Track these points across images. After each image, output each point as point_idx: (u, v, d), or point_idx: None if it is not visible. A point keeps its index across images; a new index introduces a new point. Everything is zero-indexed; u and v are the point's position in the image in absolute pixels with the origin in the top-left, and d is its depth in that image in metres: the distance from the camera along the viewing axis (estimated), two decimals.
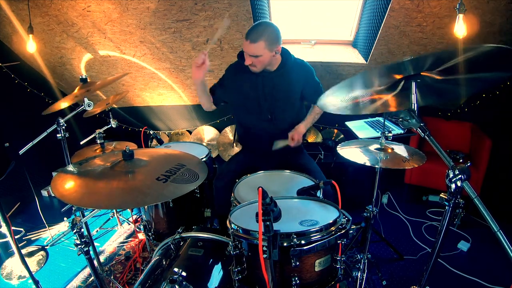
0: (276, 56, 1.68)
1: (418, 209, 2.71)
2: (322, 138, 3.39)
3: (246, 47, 1.60)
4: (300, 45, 2.99)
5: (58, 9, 2.46)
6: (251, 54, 1.61)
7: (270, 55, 1.63)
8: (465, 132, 2.85)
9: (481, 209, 0.80)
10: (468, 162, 0.87)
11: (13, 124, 2.84)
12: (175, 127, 3.88)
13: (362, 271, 1.74)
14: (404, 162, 1.52)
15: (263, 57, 1.61)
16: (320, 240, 0.96)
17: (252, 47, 1.58)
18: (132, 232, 2.50)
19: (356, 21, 2.82)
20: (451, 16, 2.16)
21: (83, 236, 1.16)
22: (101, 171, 1.12)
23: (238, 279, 1.06)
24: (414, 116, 0.93)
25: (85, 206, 1.20)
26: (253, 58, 1.62)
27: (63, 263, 2.19)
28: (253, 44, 1.57)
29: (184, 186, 1.07)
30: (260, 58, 1.61)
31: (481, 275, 1.95)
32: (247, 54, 1.62)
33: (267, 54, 1.61)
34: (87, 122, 2.50)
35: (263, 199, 0.86)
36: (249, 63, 1.64)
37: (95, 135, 2.22)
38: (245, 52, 1.63)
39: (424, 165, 1.52)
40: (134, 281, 1.97)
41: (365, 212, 1.76)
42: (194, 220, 1.77)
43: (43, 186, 3.19)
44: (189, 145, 2.18)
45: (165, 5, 2.36)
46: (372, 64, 2.79)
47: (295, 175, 1.59)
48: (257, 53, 1.59)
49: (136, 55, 2.93)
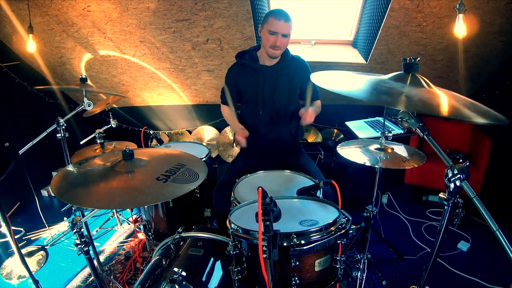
0: None
1: (418, 209, 2.71)
2: (322, 138, 3.40)
3: (280, 26, 1.64)
4: (300, 45, 2.99)
5: (58, 9, 2.46)
6: (286, 33, 1.66)
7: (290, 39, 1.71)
8: (465, 132, 2.86)
9: (480, 208, 0.81)
10: (467, 162, 0.87)
11: (13, 124, 2.84)
12: (175, 127, 3.88)
13: (362, 271, 1.74)
14: (404, 162, 1.52)
15: (289, 38, 1.69)
16: (320, 240, 0.96)
17: (287, 26, 1.65)
18: (132, 232, 2.50)
19: (356, 21, 2.82)
20: (451, 16, 2.16)
21: (83, 236, 1.16)
22: (101, 171, 1.13)
23: (238, 279, 1.06)
24: (413, 116, 0.93)
25: (85, 206, 1.20)
26: (283, 38, 1.66)
27: (63, 263, 2.19)
28: (288, 22, 1.64)
29: (184, 186, 1.07)
30: (287, 38, 1.68)
31: (481, 275, 1.95)
32: (279, 35, 1.65)
33: (290, 36, 1.69)
34: (87, 122, 2.49)
35: (263, 199, 0.86)
36: (279, 43, 1.66)
37: (95, 135, 2.22)
38: (278, 33, 1.65)
39: (424, 165, 1.52)
40: (134, 281, 1.98)
41: (365, 212, 1.76)
42: (194, 220, 1.77)
43: (43, 186, 3.19)
44: (189, 145, 2.18)
45: (165, 5, 2.36)
46: (372, 64, 2.79)
47: (295, 175, 1.59)
48: (289, 32, 1.67)
49: (136, 55, 2.93)
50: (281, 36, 1.66)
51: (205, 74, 3.14)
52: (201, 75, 3.14)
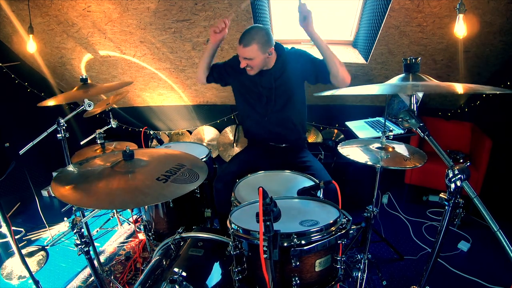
0: (270, 56, 1.72)
1: (418, 209, 2.71)
2: (322, 138, 3.39)
3: (240, 51, 1.67)
4: (300, 45, 2.98)
5: (58, 9, 2.46)
6: (245, 57, 1.67)
7: (263, 57, 1.68)
8: (465, 132, 2.85)
9: (481, 209, 0.81)
10: (468, 162, 0.87)
11: (13, 124, 2.85)
12: (175, 127, 3.88)
13: (362, 271, 1.74)
14: (406, 161, 1.52)
15: (257, 59, 1.67)
16: (320, 240, 0.96)
17: (245, 50, 1.64)
18: (132, 232, 2.50)
19: (356, 21, 2.82)
20: (451, 16, 2.16)
21: (83, 236, 1.16)
22: (101, 171, 1.13)
23: (238, 279, 1.06)
24: (414, 116, 0.94)
25: (85, 206, 1.20)
26: (247, 60, 1.68)
27: (63, 263, 2.19)
28: (246, 47, 1.63)
29: (184, 186, 1.07)
30: (254, 60, 1.68)
31: (481, 275, 1.95)
32: (242, 58, 1.68)
33: (260, 56, 1.67)
34: (87, 122, 2.50)
35: (263, 199, 0.86)
36: (244, 65, 1.70)
37: (96, 135, 2.22)
38: (240, 56, 1.69)
39: (424, 165, 1.52)
40: (134, 281, 1.98)
41: (365, 212, 1.76)
42: (194, 220, 1.77)
43: (43, 186, 3.19)
44: (189, 145, 2.18)
45: (165, 5, 2.36)
46: (372, 64, 2.79)
47: (295, 175, 1.59)
48: (250, 56, 1.65)
49: (136, 55, 2.93)
50: (244, 59, 1.67)
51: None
52: None
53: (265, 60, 1.71)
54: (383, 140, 1.64)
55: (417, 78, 0.97)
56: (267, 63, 1.75)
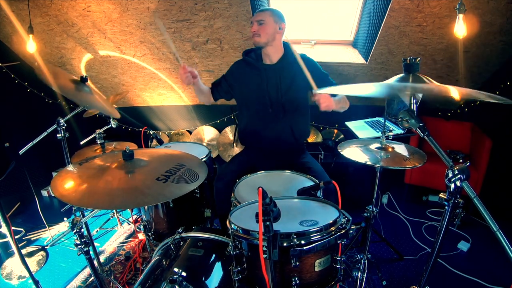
0: (279, 34, 1.76)
1: (418, 209, 2.71)
2: (322, 138, 3.39)
3: (254, 17, 1.75)
4: (300, 45, 2.99)
5: (58, 9, 2.46)
6: (257, 19, 1.72)
7: (274, 26, 1.73)
8: (465, 132, 2.85)
9: (481, 209, 0.81)
10: (467, 162, 0.87)
11: (13, 124, 2.84)
12: (175, 127, 3.88)
13: (362, 271, 1.74)
14: (405, 160, 1.52)
15: (268, 25, 1.72)
16: (320, 240, 0.96)
17: (259, 14, 1.74)
18: (132, 232, 2.50)
19: (356, 21, 2.82)
20: (451, 16, 2.16)
21: (83, 236, 1.16)
22: (101, 171, 1.12)
23: (238, 279, 1.06)
24: (414, 116, 0.93)
25: (85, 206, 1.20)
26: (258, 25, 1.72)
27: (63, 263, 2.19)
28: (260, 12, 1.74)
29: (184, 186, 1.07)
30: (264, 26, 1.72)
31: (481, 275, 1.95)
32: (254, 21, 1.73)
33: (271, 23, 1.72)
34: (87, 122, 2.50)
35: (263, 199, 0.86)
36: (254, 29, 1.73)
37: (95, 135, 2.22)
38: (253, 22, 1.75)
39: (424, 165, 1.51)
40: (134, 281, 1.97)
41: (365, 212, 1.76)
42: (194, 220, 1.77)
43: (43, 186, 3.19)
44: (189, 145, 2.18)
45: (165, 5, 2.37)
46: (372, 64, 2.79)
47: (295, 175, 1.59)
48: (263, 18, 1.71)
49: (136, 55, 2.93)
50: (256, 23, 1.73)
51: (205, 74, 3.14)
52: (201, 75, 3.14)
53: (274, 33, 1.74)
54: (383, 140, 1.64)
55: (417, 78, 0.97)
56: (274, 42, 1.76)
